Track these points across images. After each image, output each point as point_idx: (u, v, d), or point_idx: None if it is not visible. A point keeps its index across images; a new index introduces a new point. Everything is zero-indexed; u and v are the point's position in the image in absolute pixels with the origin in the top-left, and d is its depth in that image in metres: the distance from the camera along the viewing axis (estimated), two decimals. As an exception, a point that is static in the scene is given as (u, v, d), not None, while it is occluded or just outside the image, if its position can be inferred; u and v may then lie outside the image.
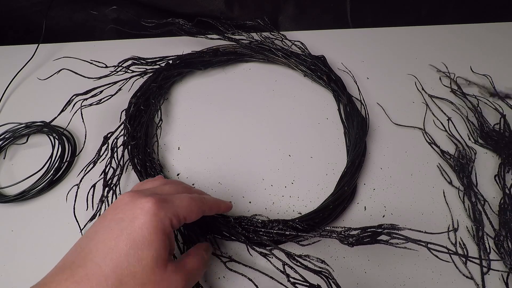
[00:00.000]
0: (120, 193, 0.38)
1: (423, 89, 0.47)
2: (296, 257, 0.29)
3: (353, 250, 0.35)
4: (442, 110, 0.46)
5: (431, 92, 0.47)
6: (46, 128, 0.44)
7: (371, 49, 0.53)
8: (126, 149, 0.40)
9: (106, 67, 0.44)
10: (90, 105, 0.42)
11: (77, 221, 0.36)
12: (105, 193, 0.37)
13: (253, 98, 0.48)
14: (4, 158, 0.43)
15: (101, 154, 0.39)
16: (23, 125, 0.45)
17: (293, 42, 0.52)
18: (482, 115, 0.44)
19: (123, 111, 0.44)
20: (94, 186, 0.37)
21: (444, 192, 0.38)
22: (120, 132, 0.42)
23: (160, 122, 0.45)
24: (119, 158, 0.40)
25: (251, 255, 0.34)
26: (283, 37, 0.52)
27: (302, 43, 0.51)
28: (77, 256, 0.23)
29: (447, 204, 0.37)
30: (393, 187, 0.39)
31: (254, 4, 0.59)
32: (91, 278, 0.21)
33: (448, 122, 0.44)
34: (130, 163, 0.40)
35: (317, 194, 0.38)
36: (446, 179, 0.39)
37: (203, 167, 0.41)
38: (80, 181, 0.37)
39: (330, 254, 0.34)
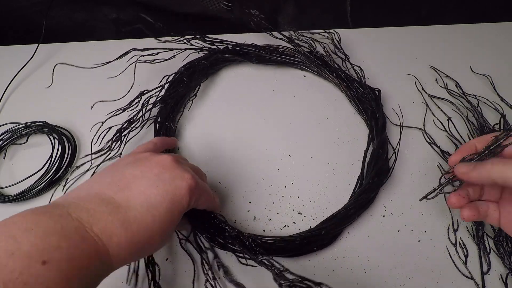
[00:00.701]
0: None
1: (423, 89, 0.47)
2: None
3: (353, 250, 0.35)
4: (442, 110, 0.46)
5: (431, 92, 0.47)
6: (46, 128, 0.44)
7: (371, 49, 0.53)
8: (154, 108, 0.45)
9: (172, 36, 0.47)
10: (145, 61, 0.45)
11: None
12: (121, 138, 0.41)
13: (253, 98, 0.48)
14: (4, 158, 0.43)
15: (131, 105, 0.43)
16: (23, 125, 0.45)
17: (353, 65, 0.48)
18: (482, 115, 0.44)
19: (166, 76, 0.46)
20: (110, 128, 0.41)
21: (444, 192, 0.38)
22: (156, 93, 0.45)
23: (194, 97, 0.47)
24: (144, 113, 0.44)
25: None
26: (346, 58, 0.49)
27: (361, 69, 0.47)
28: (118, 195, 0.24)
29: (447, 204, 0.37)
30: (393, 187, 0.39)
31: (254, 4, 0.58)
32: (133, 223, 0.23)
33: (448, 122, 0.44)
34: (153, 123, 0.44)
35: (317, 194, 0.38)
36: (446, 179, 0.39)
37: (203, 167, 0.41)
38: (106, 120, 0.41)
39: (330, 254, 0.34)
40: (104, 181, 0.25)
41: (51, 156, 0.41)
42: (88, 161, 0.41)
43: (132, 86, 0.45)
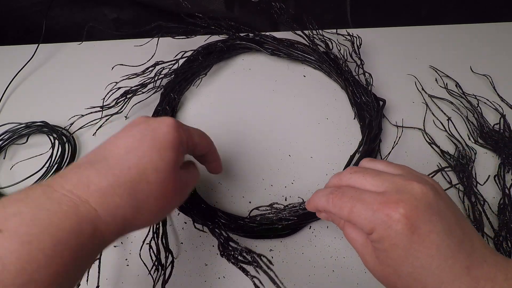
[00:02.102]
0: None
1: (423, 89, 0.47)
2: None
3: (353, 250, 0.34)
4: (442, 110, 0.46)
5: (431, 92, 0.47)
6: (46, 128, 0.44)
7: (371, 49, 0.53)
8: (166, 79, 0.48)
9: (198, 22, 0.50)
10: (169, 35, 0.48)
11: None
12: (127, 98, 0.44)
13: (253, 98, 0.48)
14: (4, 158, 0.43)
15: (145, 72, 0.46)
16: (23, 125, 0.45)
17: (364, 71, 0.47)
18: (482, 115, 0.44)
19: (182, 51, 0.49)
20: (119, 88, 0.44)
21: (444, 192, 0.38)
22: (170, 65, 0.48)
23: (204, 75, 0.49)
24: (155, 81, 0.46)
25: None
26: (361, 64, 0.48)
27: (371, 76, 0.47)
28: (95, 156, 0.23)
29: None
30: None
31: (254, 4, 0.58)
32: (114, 167, 0.21)
33: (448, 122, 0.44)
34: (160, 90, 0.47)
35: (317, 194, 0.38)
36: (446, 179, 0.39)
37: (203, 167, 0.41)
38: (119, 82, 0.44)
39: (330, 254, 0.34)
40: (85, 155, 0.24)
41: (51, 156, 0.41)
42: (96, 111, 0.43)
43: (152, 56, 0.47)
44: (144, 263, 0.33)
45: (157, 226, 0.34)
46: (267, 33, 0.53)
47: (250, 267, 0.28)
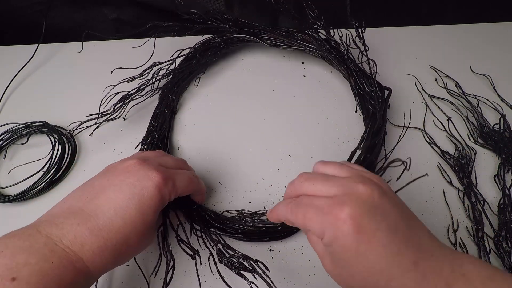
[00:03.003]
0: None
1: (423, 89, 0.47)
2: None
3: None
4: (442, 110, 0.46)
5: (431, 92, 0.47)
6: (46, 128, 0.44)
7: (370, 49, 0.53)
8: (163, 80, 0.47)
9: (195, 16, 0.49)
10: (165, 34, 0.48)
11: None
12: (125, 103, 0.44)
13: (253, 98, 0.48)
14: (4, 158, 0.43)
15: (143, 75, 0.45)
16: (23, 125, 0.45)
17: (368, 58, 0.45)
18: (482, 115, 0.44)
19: (179, 50, 0.47)
20: (117, 93, 0.43)
21: (444, 192, 0.38)
22: (167, 66, 0.47)
23: (202, 74, 0.49)
24: (153, 83, 0.46)
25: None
26: (365, 50, 0.46)
27: (375, 63, 0.45)
28: (87, 205, 0.25)
29: (447, 204, 0.37)
30: (393, 187, 0.39)
31: (254, 4, 0.58)
32: (103, 229, 0.24)
33: (448, 122, 0.44)
34: (159, 92, 0.46)
35: (317, 194, 0.38)
36: (446, 179, 0.39)
37: (203, 167, 0.41)
38: (117, 85, 0.43)
39: (330, 254, 0.34)
40: (75, 195, 0.27)
41: (51, 156, 0.41)
42: (95, 118, 0.42)
43: (150, 58, 0.46)
44: (140, 268, 0.33)
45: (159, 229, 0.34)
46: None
47: (248, 273, 0.29)
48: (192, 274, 0.33)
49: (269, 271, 0.27)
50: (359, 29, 0.46)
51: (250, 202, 0.38)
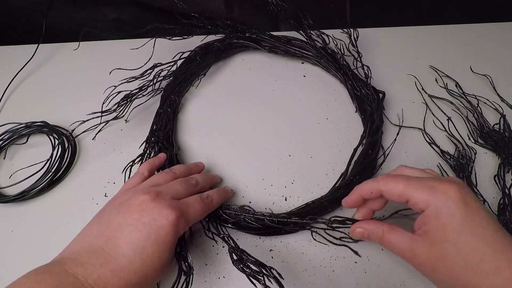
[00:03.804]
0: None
1: (423, 89, 0.47)
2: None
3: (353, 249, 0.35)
4: (442, 110, 0.46)
5: (431, 92, 0.47)
6: (46, 128, 0.44)
7: (370, 49, 0.53)
8: (165, 81, 0.47)
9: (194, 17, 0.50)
10: (165, 36, 0.49)
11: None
12: (127, 102, 0.43)
13: (253, 98, 0.48)
14: (4, 158, 0.43)
15: (144, 75, 0.45)
16: (23, 125, 0.45)
17: (363, 64, 0.47)
18: (482, 115, 0.44)
19: (180, 53, 0.48)
20: (119, 92, 0.43)
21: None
22: (168, 67, 0.47)
23: (203, 76, 0.50)
24: (154, 84, 0.46)
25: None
26: (359, 56, 0.48)
27: (369, 69, 0.46)
28: (106, 243, 0.26)
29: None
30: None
31: (254, 4, 0.59)
32: (124, 270, 0.25)
33: (448, 122, 0.44)
34: (160, 92, 0.47)
35: (317, 194, 0.38)
36: (446, 179, 0.39)
37: (206, 166, 0.41)
38: (118, 85, 0.43)
39: (330, 254, 0.34)
40: (93, 231, 0.28)
41: (51, 156, 0.41)
42: (97, 117, 0.42)
43: (149, 59, 0.46)
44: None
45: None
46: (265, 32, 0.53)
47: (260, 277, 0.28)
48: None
49: (283, 279, 0.27)
50: (353, 37, 0.49)
51: (250, 202, 0.38)
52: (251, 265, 0.29)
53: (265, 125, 0.45)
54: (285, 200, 0.38)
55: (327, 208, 0.36)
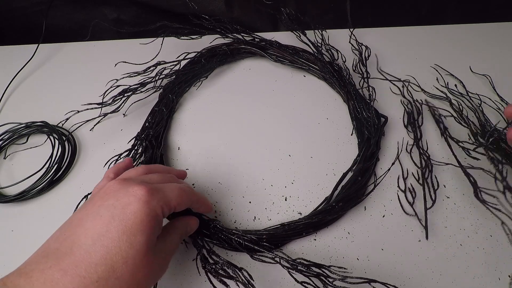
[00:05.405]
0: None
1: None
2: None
3: (353, 250, 0.35)
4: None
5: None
6: (46, 128, 0.44)
7: (371, 49, 0.53)
8: (166, 79, 0.48)
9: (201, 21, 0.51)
10: (173, 35, 0.50)
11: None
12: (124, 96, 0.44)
13: (253, 98, 0.48)
14: (4, 158, 0.43)
15: (146, 71, 0.46)
16: (23, 125, 0.45)
17: (369, 85, 0.45)
18: (483, 114, 0.44)
19: (185, 53, 0.49)
20: (118, 86, 0.43)
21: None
22: (172, 66, 0.48)
23: (204, 78, 0.50)
24: (155, 81, 0.46)
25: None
26: (365, 76, 0.46)
27: (374, 90, 0.45)
28: (62, 243, 0.22)
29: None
30: (393, 187, 0.39)
31: (254, 4, 0.58)
32: (80, 265, 0.21)
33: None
34: (160, 90, 0.47)
35: (317, 194, 0.38)
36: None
37: (203, 167, 0.41)
38: (120, 79, 0.44)
39: (330, 254, 0.34)
40: (53, 236, 0.24)
41: (51, 156, 0.41)
42: (93, 108, 0.43)
43: (156, 55, 0.47)
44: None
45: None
46: (272, 38, 0.52)
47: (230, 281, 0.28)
48: (192, 274, 0.33)
49: (254, 281, 0.26)
50: (364, 56, 0.48)
51: (250, 202, 0.38)
52: (220, 268, 0.28)
53: (265, 125, 0.45)
54: (285, 200, 0.38)
55: (302, 233, 0.34)
